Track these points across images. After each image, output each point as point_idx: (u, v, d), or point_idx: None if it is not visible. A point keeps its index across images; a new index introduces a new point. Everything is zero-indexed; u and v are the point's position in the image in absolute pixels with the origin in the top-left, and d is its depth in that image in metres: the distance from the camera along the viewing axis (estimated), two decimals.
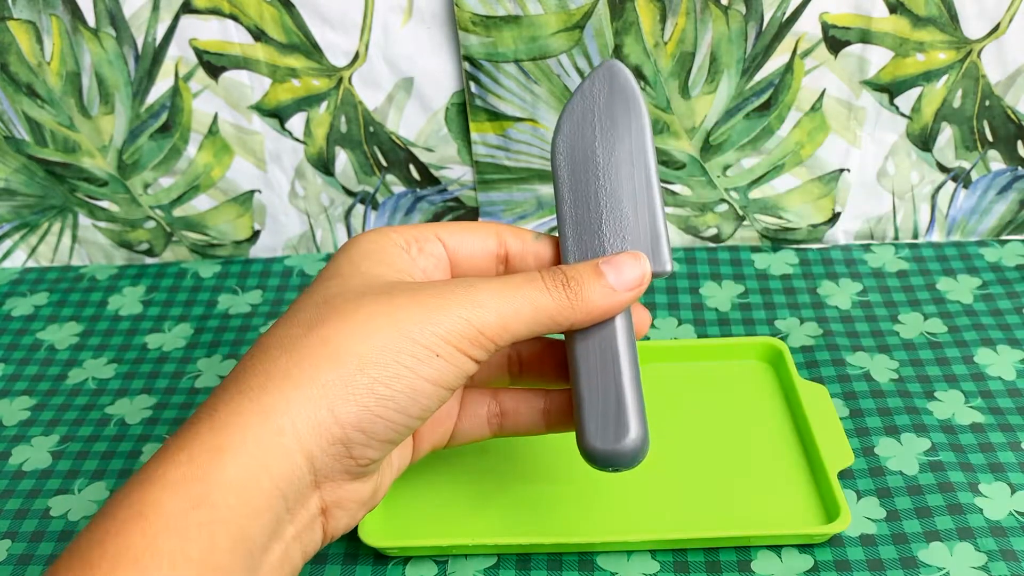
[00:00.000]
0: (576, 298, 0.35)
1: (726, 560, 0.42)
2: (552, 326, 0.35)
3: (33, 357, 0.56)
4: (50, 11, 0.53)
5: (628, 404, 0.35)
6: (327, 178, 0.59)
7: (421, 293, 0.34)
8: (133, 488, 0.30)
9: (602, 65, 0.39)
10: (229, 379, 0.33)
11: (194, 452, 0.30)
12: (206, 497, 0.29)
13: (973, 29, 0.53)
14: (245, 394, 0.31)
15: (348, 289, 0.34)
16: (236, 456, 0.30)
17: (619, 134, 0.39)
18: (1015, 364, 0.51)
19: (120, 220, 0.61)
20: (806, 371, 0.51)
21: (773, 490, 0.45)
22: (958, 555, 0.41)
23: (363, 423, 0.32)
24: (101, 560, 0.28)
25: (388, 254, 0.36)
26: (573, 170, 0.39)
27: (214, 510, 0.29)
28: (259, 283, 0.61)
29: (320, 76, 0.55)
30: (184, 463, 0.30)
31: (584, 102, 0.39)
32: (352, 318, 0.32)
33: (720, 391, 0.50)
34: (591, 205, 0.38)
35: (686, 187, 0.59)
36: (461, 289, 0.34)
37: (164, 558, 0.28)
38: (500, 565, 0.42)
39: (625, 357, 0.36)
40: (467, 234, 0.38)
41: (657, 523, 0.43)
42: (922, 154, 0.57)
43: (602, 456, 0.35)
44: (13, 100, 0.56)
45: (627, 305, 0.36)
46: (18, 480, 0.48)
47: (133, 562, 0.28)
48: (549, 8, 0.52)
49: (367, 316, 0.32)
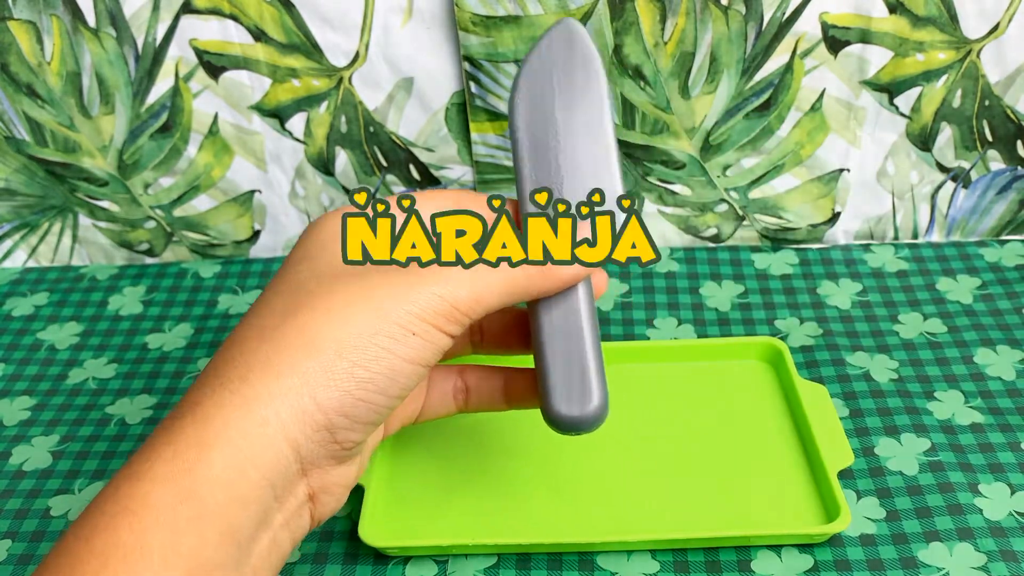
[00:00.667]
0: (547, 266, 0.35)
1: (726, 560, 0.42)
2: (524, 296, 0.35)
3: (33, 357, 0.56)
4: (50, 11, 0.53)
5: (591, 370, 0.36)
6: (327, 178, 0.59)
7: (392, 272, 0.34)
8: (121, 483, 0.30)
9: (560, 24, 0.39)
10: (208, 371, 0.33)
11: (180, 447, 0.30)
12: (194, 492, 0.29)
13: (973, 29, 0.53)
14: (226, 386, 0.31)
15: (320, 273, 0.34)
16: (222, 449, 0.30)
17: (577, 96, 0.38)
18: (1015, 364, 0.51)
19: (120, 220, 0.61)
20: (806, 371, 0.51)
21: (773, 490, 0.45)
22: (958, 555, 0.41)
23: (345, 407, 0.32)
24: (90, 556, 0.28)
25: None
26: (532, 131, 0.38)
27: (202, 504, 0.29)
28: (259, 283, 0.61)
29: (320, 76, 0.55)
30: (170, 458, 0.30)
31: (542, 62, 0.39)
32: (327, 303, 0.32)
33: (720, 391, 0.50)
34: (551, 169, 0.38)
35: (686, 187, 0.59)
36: (434, 270, 0.34)
37: (154, 553, 0.28)
38: (500, 565, 0.42)
39: (587, 323, 0.37)
40: (428, 202, 0.38)
41: (657, 523, 0.44)
42: (922, 154, 0.57)
43: (567, 422, 0.36)
44: (13, 100, 0.56)
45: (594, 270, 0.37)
46: (18, 480, 0.48)
47: (122, 559, 0.28)
48: (549, 8, 0.52)
49: (342, 301, 0.32)
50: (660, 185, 0.59)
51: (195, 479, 0.30)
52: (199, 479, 0.30)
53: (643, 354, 0.52)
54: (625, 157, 0.58)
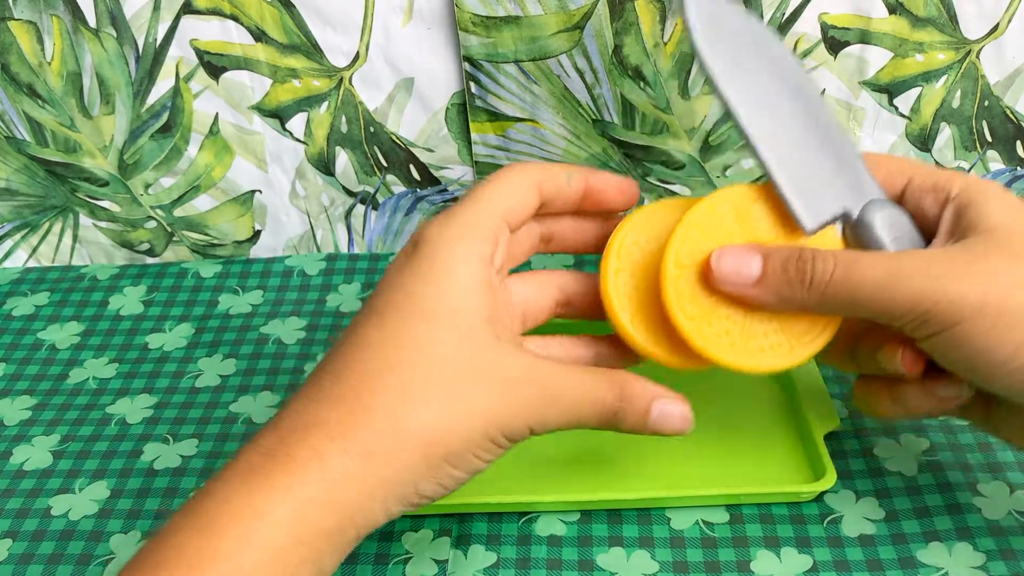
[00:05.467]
0: (609, 425, 0.38)
1: (725, 560, 0.42)
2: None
3: (34, 357, 0.56)
4: (51, 11, 0.53)
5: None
6: (328, 178, 0.59)
7: (511, 394, 0.35)
8: (243, 515, 0.32)
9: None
10: (335, 424, 0.34)
11: (302, 498, 0.33)
12: (309, 542, 0.33)
13: (972, 29, 0.53)
14: (351, 455, 0.33)
15: (451, 356, 0.35)
16: (336, 512, 0.33)
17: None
18: None
19: (121, 220, 0.61)
20: (806, 371, 0.52)
21: (763, 452, 0.47)
22: (957, 555, 0.41)
23: (436, 495, 0.36)
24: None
25: (478, 289, 0.36)
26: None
27: (311, 550, 0.33)
28: (260, 283, 0.61)
29: (321, 76, 0.55)
30: (290, 506, 0.32)
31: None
32: (451, 409, 0.35)
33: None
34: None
35: (686, 187, 0.59)
36: (539, 406, 0.36)
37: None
38: (500, 565, 0.42)
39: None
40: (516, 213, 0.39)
41: (649, 483, 0.45)
42: (921, 154, 0.57)
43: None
44: (14, 100, 0.56)
45: None
46: (19, 479, 0.48)
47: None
48: (549, 9, 0.52)
49: (465, 412, 0.35)
50: (660, 185, 0.59)
51: (308, 530, 0.33)
52: (312, 531, 0.33)
53: None
54: (625, 157, 0.58)
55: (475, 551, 0.43)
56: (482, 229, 0.37)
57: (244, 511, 0.32)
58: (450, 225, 0.37)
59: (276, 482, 0.32)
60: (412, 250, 0.37)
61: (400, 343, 0.35)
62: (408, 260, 0.37)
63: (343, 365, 0.35)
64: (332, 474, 0.33)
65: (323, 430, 0.34)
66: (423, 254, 0.37)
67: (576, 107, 0.56)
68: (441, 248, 0.36)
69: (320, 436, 0.33)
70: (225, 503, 0.32)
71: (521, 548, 0.43)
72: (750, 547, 0.42)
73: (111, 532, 0.45)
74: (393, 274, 0.37)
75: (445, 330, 0.35)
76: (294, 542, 0.32)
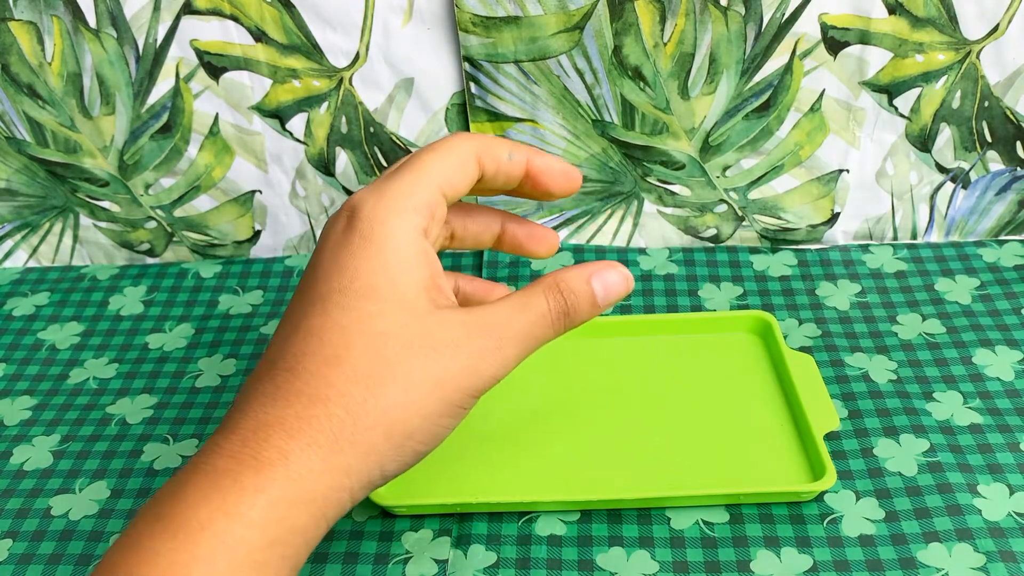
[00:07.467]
0: (569, 323, 0.39)
1: (725, 560, 0.42)
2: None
3: (34, 357, 0.56)
4: (51, 12, 0.53)
5: None
6: (328, 178, 0.59)
7: (462, 354, 0.36)
8: (215, 518, 0.32)
9: None
10: (294, 420, 0.34)
11: (272, 497, 0.33)
12: (283, 539, 0.33)
13: (972, 30, 0.53)
14: (314, 449, 0.34)
15: (395, 333, 0.35)
16: (307, 507, 0.33)
17: None
18: (1013, 365, 0.51)
19: (121, 220, 0.61)
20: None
21: (762, 452, 0.47)
22: (957, 556, 0.41)
23: (400, 471, 0.36)
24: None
25: (416, 260, 0.36)
26: None
27: (285, 547, 0.33)
28: (260, 283, 0.61)
29: (321, 77, 0.55)
30: (265, 505, 0.33)
31: None
32: (406, 388, 0.35)
33: (712, 361, 0.52)
34: None
35: (685, 187, 0.59)
36: (493, 350, 0.36)
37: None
38: (500, 565, 0.42)
39: None
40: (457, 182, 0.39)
41: (649, 483, 0.45)
42: (921, 155, 0.57)
43: None
44: (14, 101, 0.56)
45: None
46: (19, 479, 0.48)
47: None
48: (549, 9, 0.52)
49: (420, 388, 0.35)
50: (660, 185, 0.59)
51: (281, 528, 0.33)
52: (287, 531, 0.33)
53: (637, 327, 0.54)
54: (624, 157, 0.58)
55: (475, 551, 0.43)
56: (417, 200, 0.37)
57: (216, 514, 0.32)
58: (384, 196, 0.37)
59: (246, 483, 0.32)
60: (347, 226, 0.37)
61: (347, 329, 0.35)
62: (345, 237, 0.37)
63: (294, 358, 0.35)
64: (299, 471, 0.33)
65: (284, 428, 0.33)
66: (359, 231, 0.36)
67: (576, 107, 0.56)
68: (376, 224, 0.36)
69: (282, 435, 0.33)
70: (195, 507, 0.32)
71: (521, 548, 0.43)
72: (750, 547, 0.42)
73: (111, 532, 0.45)
74: (328, 252, 0.37)
75: (389, 309, 0.35)
76: (269, 541, 0.32)
